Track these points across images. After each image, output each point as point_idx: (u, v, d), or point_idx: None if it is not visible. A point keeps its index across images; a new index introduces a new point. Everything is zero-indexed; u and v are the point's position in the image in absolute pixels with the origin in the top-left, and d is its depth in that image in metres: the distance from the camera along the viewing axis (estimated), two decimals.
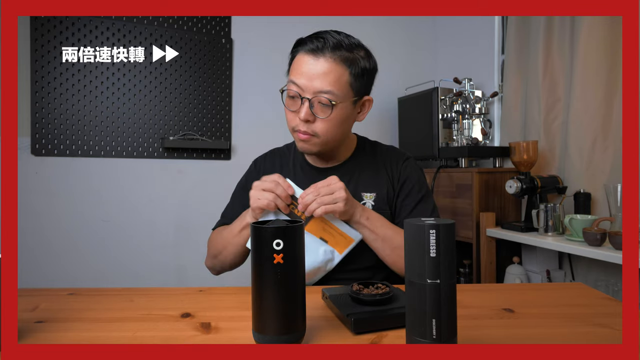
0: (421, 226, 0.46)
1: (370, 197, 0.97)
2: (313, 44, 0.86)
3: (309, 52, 0.86)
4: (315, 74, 0.85)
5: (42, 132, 1.94)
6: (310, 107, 0.87)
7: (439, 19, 2.75)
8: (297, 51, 0.90)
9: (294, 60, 0.90)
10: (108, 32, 2.04)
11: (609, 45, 1.75)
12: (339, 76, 0.86)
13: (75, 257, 2.00)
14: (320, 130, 0.89)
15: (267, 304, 0.54)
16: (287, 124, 0.94)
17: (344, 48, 0.87)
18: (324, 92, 0.85)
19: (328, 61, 0.85)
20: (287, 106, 0.91)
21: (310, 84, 0.85)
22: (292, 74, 0.89)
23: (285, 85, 0.91)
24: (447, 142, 2.26)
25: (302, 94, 0.87)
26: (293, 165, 1.05)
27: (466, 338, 0.57)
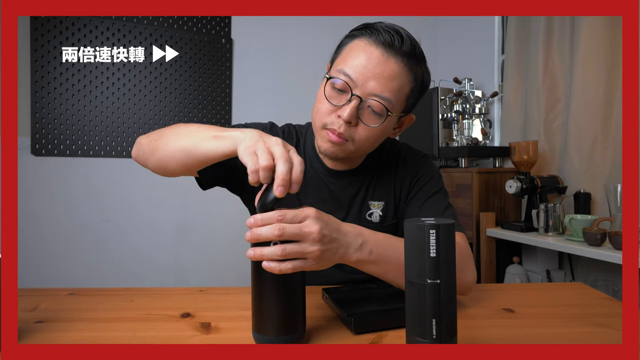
0: (421, 226, 0.46)
1: (378, 206, 0.88)
2: (387, 36, 0.71)
3: (379, 45, 0.71)
4: (378, 72, 0.71)
5: (42, 132, 1.94)
6: (358, 107, 0.73)
7: (439, 19, 2.75)
8: (359, 36, 0.74)
9: (351, 45, 0.75)
10: (108, 32, 2.04)
11: (609, 45, 1.75)
12: (402, 85, 0.74)
13: (75, 257, 2.00)
14: (359, 137, 0.76)
15: (266, 304, 0.54)
16: (315, 115, 0.78)
17: (416, 57, 0.74)
18: (382, 97, 0.72)
19: (399, 64, 0.72)
20: (328, 97, 0.75)
21: (368, 81, 0.71)
22: (347, 62, 0.73)
23: (331, 70, 0.76)
24: (447, 142, 2.26)
25: (354, 89, 0.72)
26: (303, 155, 0.90)
27: (466, 338, 0.57)
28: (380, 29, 0.72)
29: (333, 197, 0.88)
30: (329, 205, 0.88)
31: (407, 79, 0.74)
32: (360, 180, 0.89)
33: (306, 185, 0.88)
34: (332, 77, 0.74)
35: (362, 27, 0.76)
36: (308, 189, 0.88)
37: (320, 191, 0.88)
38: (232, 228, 2.00)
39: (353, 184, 0.88)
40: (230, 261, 2.15)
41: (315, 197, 0.88)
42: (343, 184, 0.88)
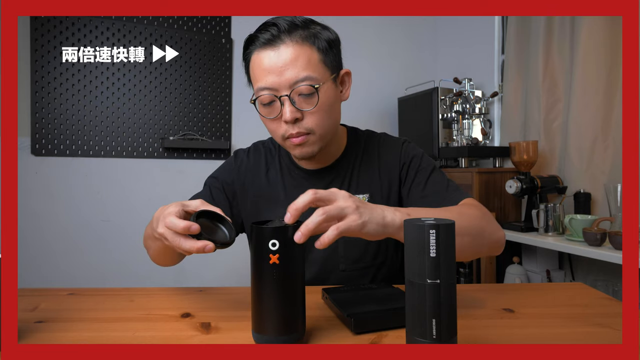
0: (421, 226, 0.46)
1: (364, 198, 0.88)
2: (265, 34, 0.74)
3: (264, 46, 0.75)
4: (282, 65, 0.73)
5: (42, 132, 1.94)
6: (292, 103, 0.75)
7: (439, 19, 2.75)
8: (251, 52, 0.78)
9: (251, 62, 0.78)
10: (108, 32, 2.04)
11: (609, 45, 1.75)
12: (308, 57, 0.75)
13: (75, 257, 2.00)
14: (313, 124, 0.78)
15: (265, 305, 0.54)
16: (273, 137, 0.83)
17: (300, 27, 0.76)
18: (301, 79, 0.74)
19: (290, 45, 0.74)
20: (266, 116, 0.79)
21: (281, 79, 0.74)
22: (257, 78, 0.77)
23: (253, 95, 0.79)
24: (447, 142, 2.26)
25: (278, 93, 0.75)
26: (280, 166, 0.93)
27: (466, 338, 0.57)
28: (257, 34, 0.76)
29: None
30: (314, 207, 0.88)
31: (307, 50, 0.75)
32: (342, 175, 0.90)
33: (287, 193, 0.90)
34: (256, 98, 0.78)
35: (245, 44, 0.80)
36: (290, 195, 0.89)
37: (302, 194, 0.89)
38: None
39: (335, 179, 0.89)
40: (230, 261, 2.15)
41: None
42: (325, 182, 0.89)
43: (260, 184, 0.92)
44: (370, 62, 2.56)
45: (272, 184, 0.91)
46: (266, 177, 0.92)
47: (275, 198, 0.90)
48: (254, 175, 0.92)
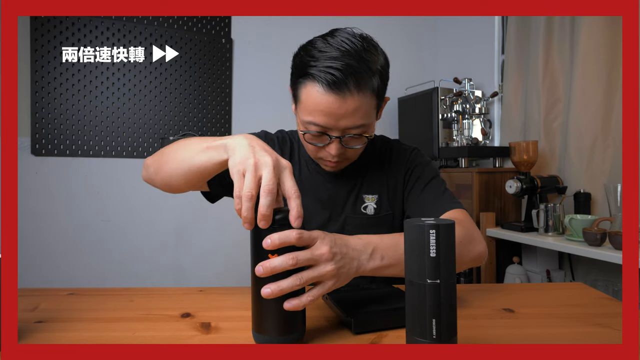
0: (421, 226, 0.46)
1: (372, 199, 0.93)
2: (332, 77, 0.71)
3: (329, 90, 0.72)
4: (343, 113, 0.74)
5: (42, 132, 1.94)
6: (340, 141, 0.78)
7: (439, 19, 2.75)
8: (306, 81, 0.75)
9: (306, 90, 0.75)
10: (108, 32, 2.04)
11: (609, 45, 1.75)
12: (367, 107, 0.76)
13: (75, 257, 2.00)
14: (351, 155, 0.85)
15: (265, 305, 0.54)
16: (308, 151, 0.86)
17: (364, 70, 0.73)
18: (356, 127, 0.76)
19: (355, 97, 0.73)
20: (309, 142, 0.80)
21: (337, 123, 0.75)
22: (309, 111, 0.75)
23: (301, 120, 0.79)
24: (447, 142, 2.26)
25: (329, 132, 0.77)
26: (299, 160, 0.96)
27: (466, 338, 0.57)
28: (320, 72, 0.72)
29: (330, 195, 0.93)
30: (326, 203, 0.93)
31: (367, 97, 0.75)
32: (355, 177, 0.94)
33: (304, 185, 0.93)
34: (305, 132, 0.78)
35: (303, 70, 0.75)
36: (306, 189, 0.93)
37: (317, 190, 0.94)
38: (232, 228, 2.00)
39: (348, 180, 0.94)
40: (230, 261, 2.16)
41: (313, 196, 0.93)
42: (339, 182, 0.94)
43: None
44: None
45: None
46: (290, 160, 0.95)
47: None
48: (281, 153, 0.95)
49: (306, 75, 0.75)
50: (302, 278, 0.53)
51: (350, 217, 0.92)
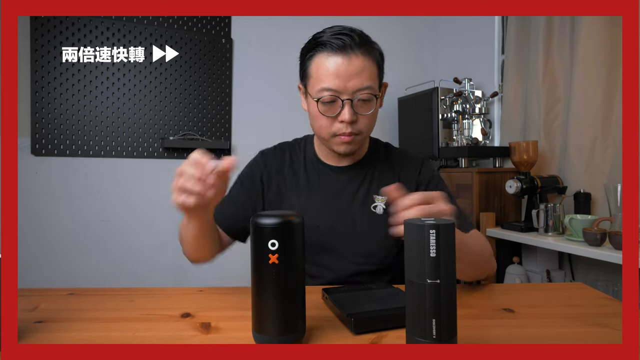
0: (421, 226, 0.46)
1: (382, 200, 0.95)
2: (339, 41, 0.81)
3: (337, 52, 0.81)
4: (351, 73, 0.81)
5: (42, 132, 1.94)
6: (352, 107, 0.83)
7: (439, 19, 2.75)
8: (316, 52, 0.84)
9: (315, 64, 0.84)
10: (108, 32, 2.04)
11: (609, 45, 1.75)
12: (371, 70, 0.84)
13: (75, 257, 2.00)
14: (364, 127, 0.87)
15: (265, 304, 0.54)
16: (319, 131, 0.89)
17: (366, 42, 0.84)
18: (364, 88, 0.83)
19: (360, 58, 0.82)
20: (324, 113, 0.85)
21: (347, 84, 0.81)
22: (322, 78, 0.83)
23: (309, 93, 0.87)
24: (447, 142, 2.26)
25: (341, 96, 0.82)
26: (304, 163, 1.00)
27: (466, 338, 0.57)
28: (329, 39, 0.82)
29: (337, 192, 0.96)
30: (335, 199, 0.96)
31: (370, 63, 0.84)
32: (362, 174, 0.97)
33: (311, 185, 0.97)
34: (319, 98, 0.84)
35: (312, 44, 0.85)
36: (313, 188, 0.96)
37: (325, 188, 0.96)
38: None
39: (356, 177, 0.97)
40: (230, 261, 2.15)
41: (321, 194, 0.96)
42: (347, 178, 0.97)
43: (284, 173, 0.99)
44: None
45: (298, 177, 0.98)
46: (290, 167, 1.00)
47: (297, 184, 0.97)
48: (278, 165, 1.00)
49: (315, 47, 0.84)
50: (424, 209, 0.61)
51: (359, 215, 0.94)
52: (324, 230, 0.93)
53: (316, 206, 0.94)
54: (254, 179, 0.98)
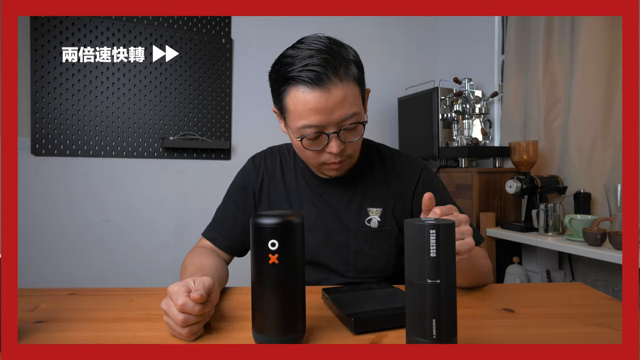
0: (421, 226, 0.46)
1: (377, 212, 0.89)
2: (313, 74, 0.72)
3: (313, 86, 0.73)
4: (333, 106, 0.74)
5: (42, 132, 1.94)
6: (338, 137, 0.77)
7: (439, 19, 2.75)
8: (289, 86, 0.75)
9: (291, 97, 0.75)
10: (108, 32, 2.04)
11: (609, 45, 1.75)
12: (353, 94, 0.76)
13: (75, 257, 2.00)
14: (352, 152, 0.82)
15: (265, 304, 0.54)
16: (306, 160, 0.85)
17: (339, 60, 0.74)
18: (349, 117, 0.76)
19: (338, 87, 0.73)
20: (308, 148, 0.79)
21: (330, 118, 0.74)
22: (301, 115, 0.75)
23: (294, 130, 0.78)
24: (447, 142, 2.26)
25: (325, 130, 0.76)
26: (295, 172, 0.95)
27: (466, 338, 0.57)
28: (300, 72, 0.73)
29: (328, 205, 0.91)
30: (326, 213, 0.91)
31: (351, 86, 0.76)
32: (354, 187, 0.91)
33: (302, 198, 0.92)
34: (302, 137, 0.77)
35: (283, 77, 0.76)
36: (304, 201, 0.92)
37: (316, 202, 0.92)
38: None
39: (347, 190, 0.91)
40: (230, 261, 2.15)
41: (311, 208, 0.91)
42: (337, 192, 0.91)
43: (276, 185, 0.94)
44: (370, 62, 2.55)
45: (288, 187, 0.94)
46: (282, 180, 0.94)
47: (291, 201, 0.93)
48: (270, 177, 0.95)
49: (287, 81, 0.75)
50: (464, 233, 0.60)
51: (354, 229, 0.89)
52: (315, 247, 0.90)
53: (307, 223, 0.88)
54: (247, 195, 0.94)
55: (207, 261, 0.82)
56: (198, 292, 0.56)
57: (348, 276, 0.90)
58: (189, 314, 0.55)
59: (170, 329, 0.58)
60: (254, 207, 0.95)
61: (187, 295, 0.56)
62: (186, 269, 0.80)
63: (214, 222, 0.97)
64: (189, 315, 0.55)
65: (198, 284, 0.60)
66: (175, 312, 0.56)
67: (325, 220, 0.90)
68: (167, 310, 0.57)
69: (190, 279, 0.61)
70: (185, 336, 0.57)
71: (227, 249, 0.93)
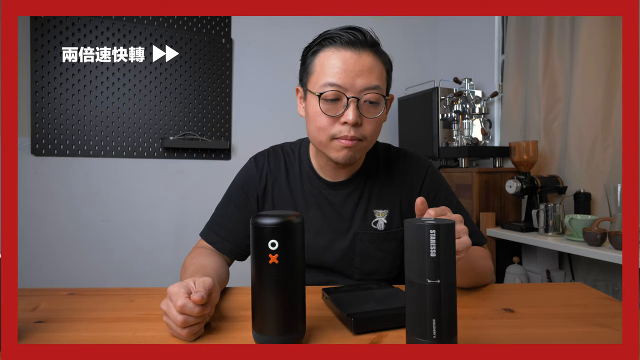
0: (421, 226, 0.46)
1: (383, 214, 0.89)
2: (349, 36, 0.74)
3: (346, 46, 0.74)
4: (359, 70, 0.74)
5: (42, 132, 1.94)
6: (358, 107, 0.75)
7: (439, 19, 2.75)
8: (322, 49, 0.77)
9: (320, 59, 0.77)
10: (108, 32, 2.04)
11: (609, 45, 1.75)
12: (380, 70, 0.77)
13: (75, 257, 2.00)
14: (368, 133, 0.78)
15: (265, 304, 0.54)
16: (317, 133, 0.79)
17: (377, 44, 0.78)
18: (372, 87, 0.75)
19: (370, 56, 0.75)
20: (325, 111, 0.76)
21: (354, 81, 0.74)
22: (326, 72, 0.75)
23: (308, 90, 0.78)
24: (447, 142, 2.26)
25: (347, 93, 0.75)
26: (300, 173, 0.92)
27: (466, 338, 0.57)
28: (338, 33, 0.76)
29: (334, 209, 0.90)
30: (332, 217, 0.90)
31: (381, 64, 0.78)
32: (360, 189, 0.90)
33: (307, 200, 0.90)
34: (322, 93, 0.75)
35: (319, 40, 0.78)
36: (309, 204, 0.90)
37: (320, 205, 0.90)
38: None
39: (353, 193, 0.90)
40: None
41: (317, 211, 0.90)
42: (343, 195, 0.90)
43: (281, 187, 0.92)
44: None
45: (293, 189, 0.91)
46: (287, 181, 0.92)
47: (296, 204, 0.91)
48: (274, 179, 0.92)
49: (322, 42, 0.77)
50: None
51: (360, 232, 0.88)
52: (322, 251, 0.89)
53: (313, 226, 0.88)
54: (248, 197, 0.92)
55: (207, 261, 0.81)
56: (199, 294, 0.56)
57: (354, 278, 0.90)
58: (189, 315, 0.55)
59: (170, 329, 0.58)
60: (257, 210, 0.92)
61: (187, 296, 0.56)
62: (186, 269, 0.79)
63: (213, 224, 0.93)
64: (188, 316, 0.55)
65: (198, 284, 0.59)
66: (174, 313, 0.56)
67: (331, 223, 0.89)
68: (167, 311, 0.57)
69: (190, 280, 0.61)
70: (185, 337, 0.56)
71: (228, 253, 0.91)
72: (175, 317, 0.55)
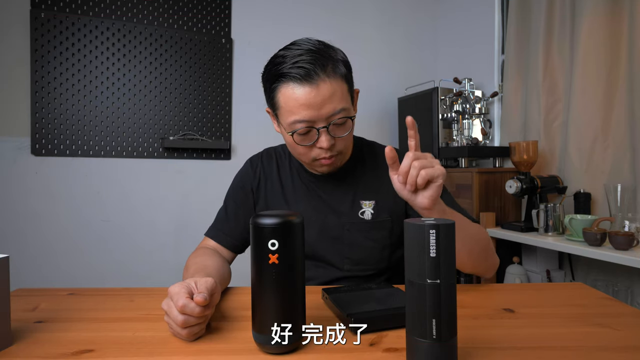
0: (421, 226, 0.46)
1: (370, 205, 0.92)
2: (302, 70, 0.76)
3: (302, 81, 0.77)
4: (321, 101, 0.77)
5: (42, 132, 1.94)
6: (328, 132, 0.80)
7: (439, 19, 2.75)
8: (280, 83, 0.80)
9: (282, 93, 0.80)
10: (108, 32, 2.04)
11: (609, 45, 1.75)
12: (341, 90, 0.80)
13: (75, 258, 2.00)
14: (342, 148, 0.85)
15: (265, 304, 0.54)
16: (298, 157, 0.88)
17: (327, 58, 0.78)
18: (337, 112, 0.79)
19: (327, 82, 0.77)
20: (300, 143, 0.82)
21: (319, 112, 0.78)
22: (292, 111, 0.79)
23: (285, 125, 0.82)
24: (447, 142, 2.26)
25: (315, 125, 0.79)
26: (290, 170, 0.99)
27: (466, 338, 0.57)
28: (290, 69, 0.77)
29: (323, 201, 0.94)
30: (320, 208, 0.94)
31: (339, 83, 0.80)
32: (347, 182, 0.95)
33: (297, 194, 0.96)
34: (293, 132, 0.81)
35: (274, 75, 0.81)
36: (299, 197, 0.95)
37: (310, 198, 0.95)
38: None
39: (340, 185, 0.95)
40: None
41: (306, 204, 0.95)
42: (330, 187, 0.95)
43: (273, 184, 0.98)
44: (370, 62, 2.56)
45: (284, 185, 0.98)
46: (278, 179, 0.98)
47: (287, 198, 0.96)
48: (267, 176, 0.99)
49: (278, 78, 0.80)
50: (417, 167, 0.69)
51: (348, 222, 0.92)
52: (312, 241, 0.92)
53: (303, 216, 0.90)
54: (246, 193, 0.98)
55: (209, 261, 0.82)
56: (202, 295, 0.56)
57: (344, 269, 0.91)
58: (189, 315, 0.55)
59: (171, 329, 0.58)
60: (253, 204, 0.98)
61: (188, 296, 0.56)
62: (188, 268, 0.81)
63: (216, 222, 1.00)
64: (189, 317, 0.55)
65: (200, 285, 0.60)
66: (175, 313, 0.56)
67: (320, 214, 0.93)
68: (168, 311, 0.57)
69: (192, 280, 0.61)
70: (185, 337, 0.57)
71: (230, 247, 0.96)
72: (176, 317, 0.55)
